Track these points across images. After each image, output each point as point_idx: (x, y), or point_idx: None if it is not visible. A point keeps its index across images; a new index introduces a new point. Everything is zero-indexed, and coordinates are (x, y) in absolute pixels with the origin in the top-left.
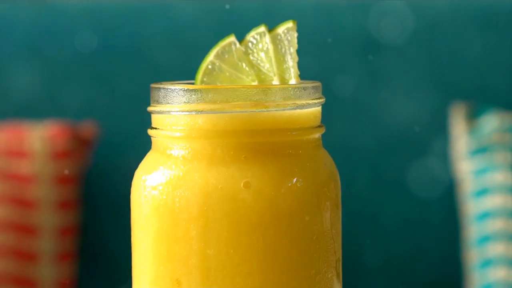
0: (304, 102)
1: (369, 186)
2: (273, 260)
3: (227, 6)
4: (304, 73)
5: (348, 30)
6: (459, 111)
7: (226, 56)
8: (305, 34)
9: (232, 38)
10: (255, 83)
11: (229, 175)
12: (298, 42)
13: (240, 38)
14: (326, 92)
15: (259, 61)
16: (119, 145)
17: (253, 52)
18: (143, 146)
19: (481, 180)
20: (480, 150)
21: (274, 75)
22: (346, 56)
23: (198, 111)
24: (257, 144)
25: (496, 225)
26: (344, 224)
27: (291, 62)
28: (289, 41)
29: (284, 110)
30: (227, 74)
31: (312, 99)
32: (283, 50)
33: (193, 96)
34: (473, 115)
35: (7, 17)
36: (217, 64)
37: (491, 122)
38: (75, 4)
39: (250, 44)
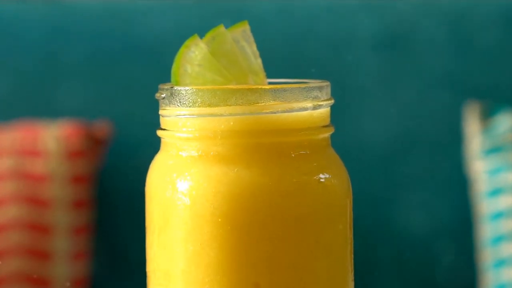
0: (315, 103)
1: (381, 186)
2: (347, 253)
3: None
4: (313, 72)
5: (359, 29)
6: (473, 110)
7: (196, 57)
8: (315, 33)
9: (196, 39)
10: (234, 83)
11: (304, 172)
12: (308, 41)
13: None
14: (336, 91)
15: (227, 61)
16: (133, 145)
17: (217, 52)
18: (158, 145)
19: (495, 180)
20: (494, 149)
21: (246, 75)
22: (357, 55)
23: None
24: (276, 144)
25: (510, 225)
26: (356, 223)
27: (257, 61)
28: (248, 41)
29: (292, 111)
30: (201, 75)
31: (322, 100)
32: (247, 49)
33: (216, 97)
34: (487, 115)
35: (20, 17)
36: (189, 66)
37: (505, 121)
38: (88, 3)
39: (213, 45)
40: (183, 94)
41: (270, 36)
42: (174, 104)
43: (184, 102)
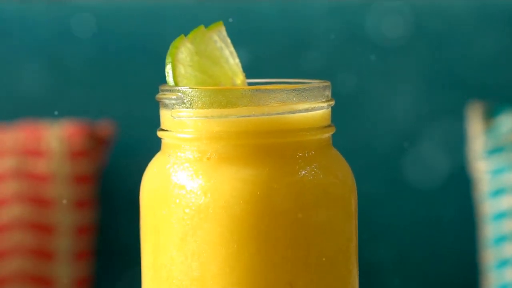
0: (315, 105)
1: (383, 187)
2: (352, 252)
3: (230, 20)
4: (313, 72)
5: (361, 29)
6: (476, 111)
7: (185, 58)
8: (314, 33)
9: (183, 40)
10: (222, 84)
11: (323, 171)
12: (308, 41)
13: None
14: (337, 91)
15: (210, 62)
16: (135, 144)
17: (201, 53)
18: (160, 145)
19: (497, 180)
20: (497, 149)
21: (229, 75)
22: (359, 55)
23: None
24: (277, 145)
25: None
26: (358, 223)
27: (235, 62)
28: (225, 41)
29: (294, 113)
30: (193, 76)
31: (323, 101)
32: (225, 50)
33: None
34: (490, 115)
35: (24, 17)
36: (182, 66)
37: (507, 121)
38: (91, 4)
39: (195, 45)
40: (198, 95)
41: (270, 36)
42: (189, 106)
43: (202, 103)
